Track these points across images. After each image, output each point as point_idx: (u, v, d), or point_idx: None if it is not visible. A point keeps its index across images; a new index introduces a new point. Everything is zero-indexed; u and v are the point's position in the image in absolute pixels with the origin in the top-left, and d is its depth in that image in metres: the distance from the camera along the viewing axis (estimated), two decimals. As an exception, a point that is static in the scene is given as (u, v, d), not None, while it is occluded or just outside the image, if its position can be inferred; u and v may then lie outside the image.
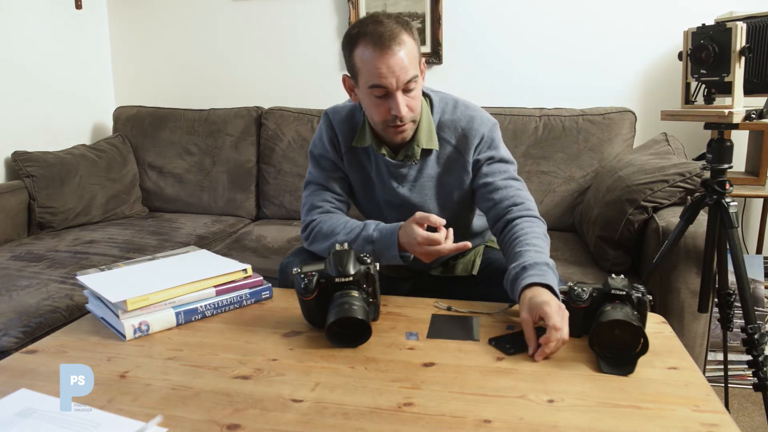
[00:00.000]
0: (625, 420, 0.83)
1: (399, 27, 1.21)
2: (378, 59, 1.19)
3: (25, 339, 1.48)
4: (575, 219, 2.21)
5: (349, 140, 1.39)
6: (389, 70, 1.19)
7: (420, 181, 1.38)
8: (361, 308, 1.04)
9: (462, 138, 1.35)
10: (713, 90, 1.47)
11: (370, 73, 1.21)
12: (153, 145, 2.70)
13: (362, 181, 1.43)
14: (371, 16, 1.24)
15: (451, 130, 1.35)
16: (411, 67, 1.21)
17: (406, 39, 1.21)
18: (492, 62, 2.55)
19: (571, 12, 2.46)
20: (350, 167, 1.42)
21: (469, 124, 1.34)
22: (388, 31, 1.19)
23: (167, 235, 2.28)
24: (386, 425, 0.82)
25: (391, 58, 1.19)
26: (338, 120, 1.40)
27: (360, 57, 1.22)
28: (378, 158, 1.36)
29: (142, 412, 0.86)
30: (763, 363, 1.51)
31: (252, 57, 2.82)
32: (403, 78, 1.20)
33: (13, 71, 2.42)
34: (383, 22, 1.20)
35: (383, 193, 1.41)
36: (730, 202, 1.49)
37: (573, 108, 2.34)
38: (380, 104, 1.24)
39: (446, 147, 1.36)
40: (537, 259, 1.14)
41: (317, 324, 1.12)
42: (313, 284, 1.08)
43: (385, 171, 1.37)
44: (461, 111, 1.36)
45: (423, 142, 1.33)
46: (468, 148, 1.34)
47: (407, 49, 1.20)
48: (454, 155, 1.36)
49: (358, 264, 1.10)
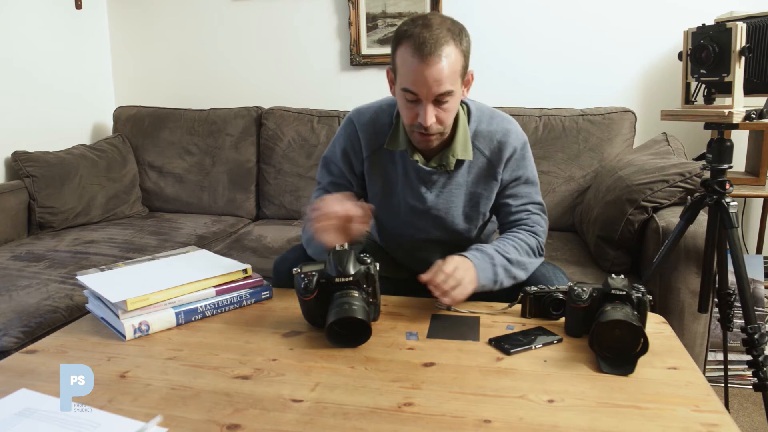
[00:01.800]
0: (625, 420, 0.83)
1: (448, 36, 1.16)
2: (415, 66, 1.16)
3: (25, 339, 1.48)
4: (575, 219, 2.21)
5: (374, 143, 1.37)
6: (423, 79, 1.16)
7: (448, 188, 1.36)
8: (361, 308, 1.04)
9: (496, 150, 1.34)
10: (713, 90, 1.47)
11: (406, 76, 1.18)
12: (153, 145, 2.70)
13: (384, 186, 1.41)
14: (424, 17, 1.19)
15: (486, 141, 1.34)
16: (448, 81, 1.17)
17: (451, 51, 1.16)
18: (492, 62, 2.55)
19: (571, 12, 2.46)
20: (372, 170, 1.40)
21: (505, 137, 1.33)
22: (433, 39, 1.14)
23: (167, 235, 2.28)
24: (386, 425, 0.82)
25: (426, 69, 1.15)
26: (362, 123, 1.39)
27: (401, 57, 1.19)
28: (407, 163, 1.35)
29: (142, 412, 0.86)
30: (763, 363, 1.51)
31: (252, 57, 2.82)
32: (435, 90, 1.17)
33: (13, 71, 2.42)
34: (432, 27, 1.16)
35: (409, 198, 1.38)
36: (730, 202, 1.49)
37: (573, 108, 2.34)
38: (410, 108, 1.22)
39: (479, 157, 1.35)
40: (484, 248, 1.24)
41: (317, 324, 1.12)
42: (313, 284, 1.08)
43: (414, 176, 1.36)
44: (497, 123, 1.35)
45: (458, 153, 1.31)
46: (500, 161, 1.34)
47: (448, 62, 1.16)
48: (486, 166, 1.35)
49: (358, 264, 1.10)
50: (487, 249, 1.25)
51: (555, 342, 1.07)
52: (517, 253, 1.28)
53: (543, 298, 1.15)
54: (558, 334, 1.09)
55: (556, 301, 1.14)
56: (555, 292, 1.15)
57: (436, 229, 1.41)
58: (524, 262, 1.29)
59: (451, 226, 1.40)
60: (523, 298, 1.17)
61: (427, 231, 1.42)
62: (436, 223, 1.40)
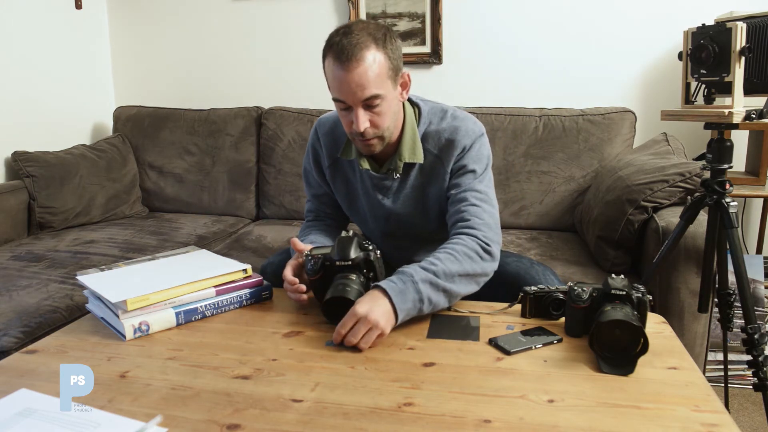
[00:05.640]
0: (625, 420, 0.83)
1: (369, 40, 1.15)
2: (338, 74, 1.16)
3: (25, 339, 1.48)
4: (575, 219, 2.21)
5: (334, 152, 1.40)
6: (347, 86, 1.16)
7: (403, 192, 1.36)
8: (355, 290, 1.12)
9: (444, 148, 1.31)
10: (713, 90, 1.47)
11: (333, 86, 1.20)
12: (153, 145, 2.70)
13: (347, 193, 1.43)
14: (346, 26, 1.19)
15: (434, 141, 1.32)
16: (372, 85, 1.16)
17: (371, 55, 1.15)
18: (492, 62, 2.55)
19: (571, 12, 2.46)
20: (334, 179, 1.43)
21: (453, 135, 1.30)
22: (352, 45, 1.14)
23: (167, 235, 2.28)
24: (386, 425, 0.82)
25: (348, 75, 1.15)
26: (323, 132, 1.41)
27: (327, 67, 1.20)
28: (363, 171, 1.35)
29: (142, 412, 0.86)
30: (763, 363, 1.51)
31: (252, 57, 2.82)
32: (359, 95, 1.17)
33: (13, 71, 2.42)
34: (352, 34, 1.15)
35: (368, 204, 1.41)
36: (730, 202, 1.49)
37: (573, 108, 2.34)
38: (345, 116, 1.23)
39: (429, 157, 1.33)
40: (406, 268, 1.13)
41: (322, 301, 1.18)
42: (318, 266, 1.18)
43: (369, 183, 1.37)
44: (448, 121, 1.32)
45: (406, 156, 1.31)
46: (449, 159, 1.31)
47: (369, 66, 1.15)
48: (436, 165, 1.33)
49: (359, 250, 1.19)
50: (409, 268, 1.13)
51: (555, 342, 1.07)
52: (452, 261, 1.14)
53: (543, 298, 1.15)
54: (558, 334, 1.09)
55: (556, 301, 1.15)
56: (555, 292, 1.15)
57: (404, 231, 1.42)
58: (463, 270, 1.14)
59: (418, 227, 1.41)
60: (523, 298, 1.17)
61: (396, 233, 1.43)
62: (401, 226, 1.41)
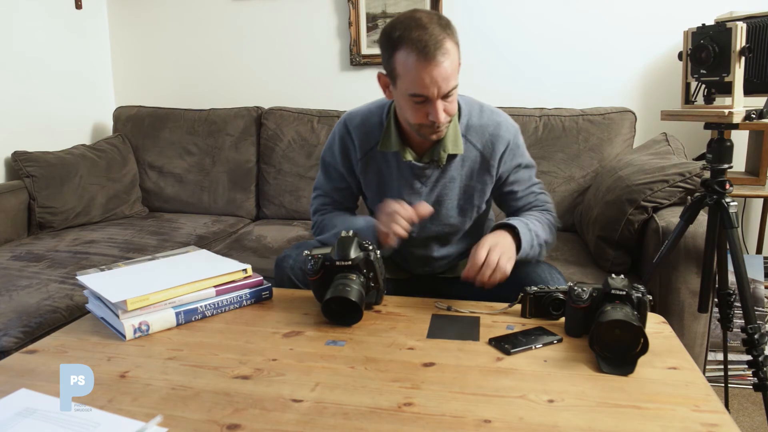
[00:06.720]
0: (625, 420, 0.83)
1: (443, 33, 1.16)
2: (422, 70, 1.15)
3: (25, 339, 1.48)
4: (575, 219, 2.21)
5: (366, 145, 1.39)
6: (432, 81, 1.16)
7: (442, 182, 1.38)
8: (355, 291, 1.12)
9: (489, 144, 1.35)
10: (713, 90, 1.47)
11: (412, 82, 1.18)
12: (153, 145, 2.70)
13: (379, 185, 1.43)
14: (413, 18, 1.18)
15: (478, 135, 1.36)
16: (452, 76, 1.19)
17: (450, 47, 1.17)
18: (492, 62, 2.55)
19: (571, 12, 2.46)
20: (366, 172, 1.42)
21: (497, 130, 1.35)
22: (433, 40, 1.14)
23: (167, 235, 2.28)
24: (386, 425, 0.82)
25: (434, 69, 1.15)
26: (354, 125, 1.41)
27: (402, 63, 1.18)
28: (401, 161, 1.36)
29: (142, 412, 0.86)
30: (763, 363, 1.51)
31: (252, 57, 2.82)
32: (444, 88, 1.18)
33: (13, 71, 2.42)
34: (427, 28, 1.15)
35: (404, 193, 1.40)
36: (730, 202, 1.49)
37: (573, 108, 2.34)
38: (419, 109, 1.22)
39: (471, 151, 1.36)
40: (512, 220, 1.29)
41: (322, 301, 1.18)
42: (318, 266, 1.19)
43: (408, 173, 1.38)
44: (488, 116, 1.37)
45: (449, 147, 1.32)
46: (494, 154, 1.36)
47: (451, 59, 1.17)
48: (479, 160, 1.36)
49: (359, 250, 1.19)
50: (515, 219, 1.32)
51: (555, 342, 1.07)
52: (540, 226, 1.35)
53: (543, 298, 1.16)
54: (558, 334, 1.09)
55: (556, 301, 1.15)
56: (555, 292, 1.15)
57: (431, 223, 1.42)
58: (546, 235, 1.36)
59: (445, 219, 1.42)
60: (523, 298, 1.17)
61: (422, 226, 1.43)
62: (431, 217, 1.41)
